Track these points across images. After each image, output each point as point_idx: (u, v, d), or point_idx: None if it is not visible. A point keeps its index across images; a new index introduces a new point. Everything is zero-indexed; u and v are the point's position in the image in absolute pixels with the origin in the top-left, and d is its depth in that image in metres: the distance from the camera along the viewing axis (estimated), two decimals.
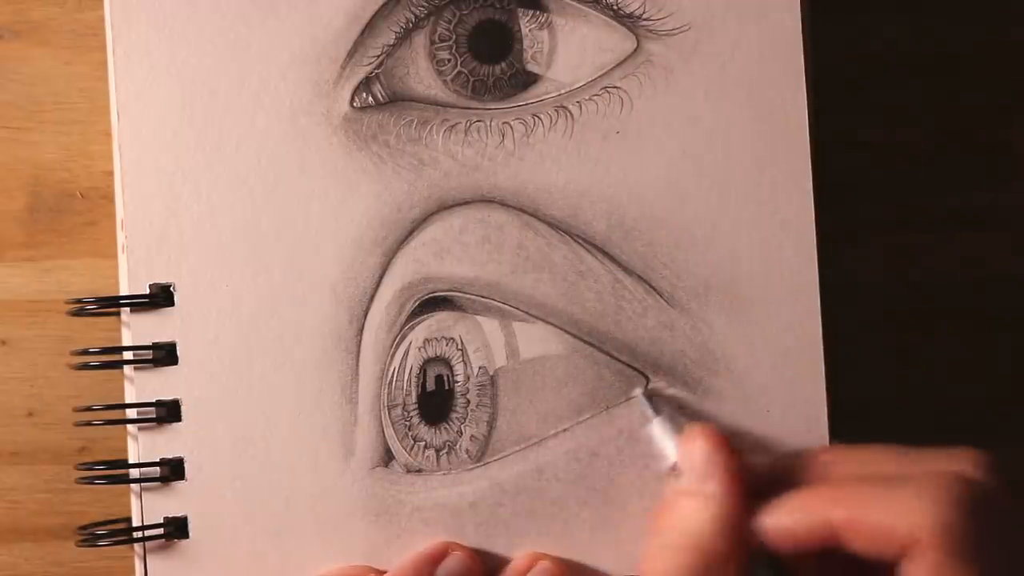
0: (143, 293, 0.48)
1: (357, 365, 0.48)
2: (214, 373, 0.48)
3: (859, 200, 0.52)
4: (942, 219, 0.45)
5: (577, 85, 0.49)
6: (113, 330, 0.49)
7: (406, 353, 0.48)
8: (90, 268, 0.51)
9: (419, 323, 0.48)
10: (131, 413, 0.48)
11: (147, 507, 0.48)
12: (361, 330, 0.48)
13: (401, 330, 0.48)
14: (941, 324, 0.52)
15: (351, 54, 0.48)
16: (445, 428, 0.48)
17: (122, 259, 0.48)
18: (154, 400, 0.48)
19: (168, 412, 0.48)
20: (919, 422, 0.52)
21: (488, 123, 0.48)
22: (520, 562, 0.48)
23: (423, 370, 0.48)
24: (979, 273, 0.47)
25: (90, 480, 0.48)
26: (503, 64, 0.49)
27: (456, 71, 0.48)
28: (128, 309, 0.48)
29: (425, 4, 0.48)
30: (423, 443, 0.48)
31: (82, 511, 0.51)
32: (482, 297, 0.48)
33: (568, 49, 0.49)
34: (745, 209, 0.48)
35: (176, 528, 0.47)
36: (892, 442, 0.52)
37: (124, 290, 0.48)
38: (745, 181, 0.48)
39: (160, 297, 0.48)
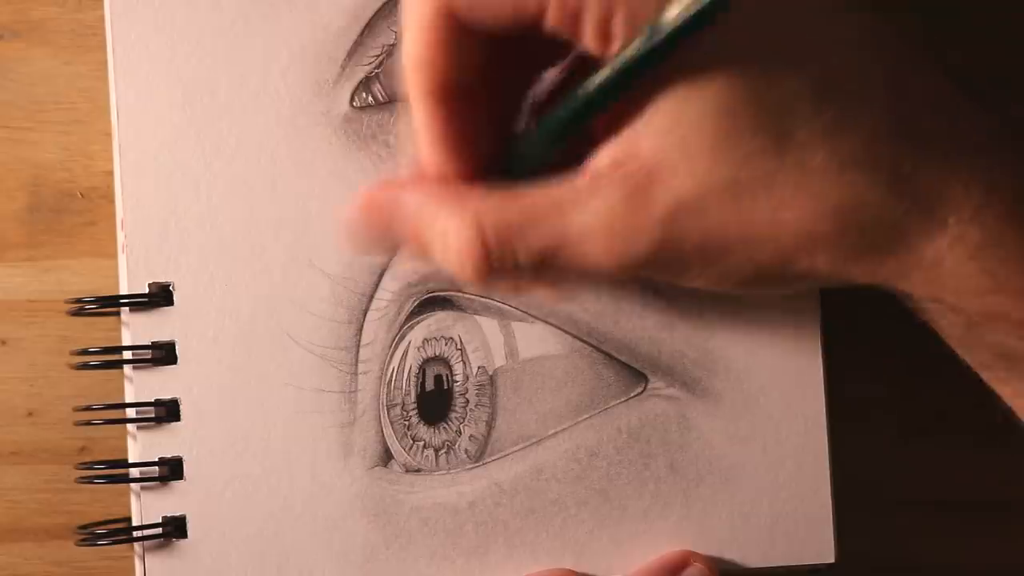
0: (142, 292, 0.48)
1: (356, 364, 0.48)
2: (213, 372, 0.48)
3: None
4: None
5: None
6: (113, 330, 0.49)
7: (405, 353, 0.48)
8: (90, 268, 0.51)
9: (418, 323, 0.48)
10: (131, 412, 0.48)
11: (146, 507, 0.48)
12: (360, 329, 0.48)
13: (400, 330, 0.48)
14: None
15: (351, 54, 0.48)
16: (444, 428, 0.48)
17: (122, 259, 0.48)
18: (153, 400, 0.48)
19: (167, 411, 0.48)
20: (920, 422, 0.52)
21: None
22: (673, 556, 0.48)
23: (422, 370, 0.48)
24: None
25: (90, 480, 0.48)
26: None
27: None
28: (128, 308, 0.48)
29: None
30: (422, 443, 0.48)
31: (82, 511, 0.51)
32: (481, 297, 0.48)
33: None
34: None
35: (175, 528, 0.47)
36: (894, 442, 0.52)
37: (124, 290, 0.48)
38: None
39: (159, 296, 0.48)
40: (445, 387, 0.48)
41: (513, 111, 0.43)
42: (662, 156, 0.39)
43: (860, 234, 0.39)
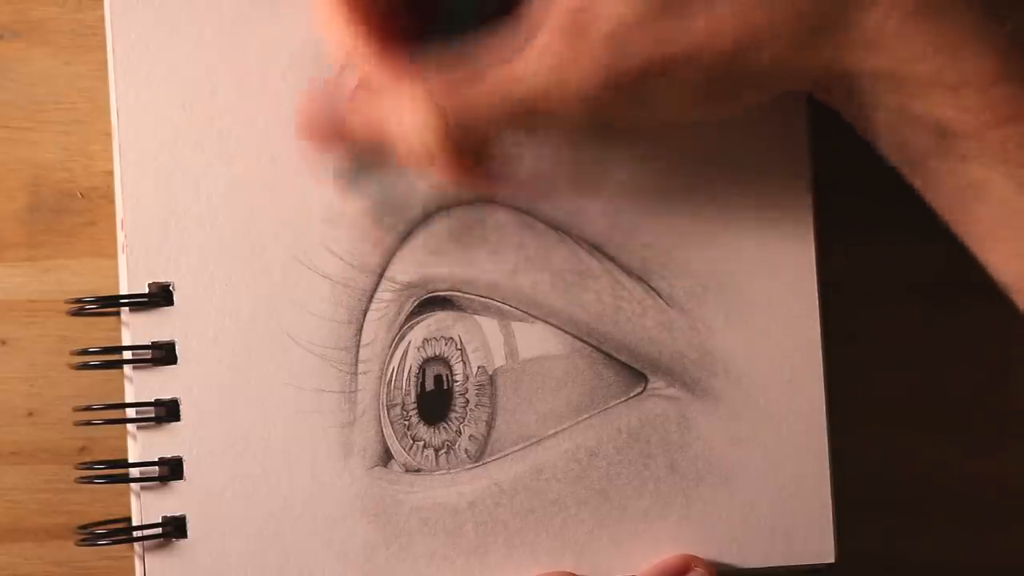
0: (142, 292, 0.48)
1: (356, 364, 0.48)
2: (213, 372, 0.48)
3: (859, 200, 0.51)
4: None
5: None
6: (113, 330, 0.49)
7: (405, 353, 0.48)
8: (90, 268, 0.51)
9: (418, 323, 0.48)
10: (131, 412, 0.48)
11: (146, 506, 0.48)
12: (360, 330, 0.48)
13: (400, 330, 0.48)
14: (941, 323, 0.52)
15: None
16: (444, 428, 0.48)
17: (122, 259, 0.48)
18: (153, 400, 0.48)
19: (167, 411, 0.48)
20: (920, 422, 0.52)
21: None
22: (674, 560, 0.48)
23: (422, 370, 0.48)
24: (979, 272, 0.46)
25: (90, 480, 0.48)
26: None
27: None
28: (128, 308, 0.48)
29: None
30: (422, 443, 0.48)
31: (82, 511, 0.51)
32: (481, 297, 0.48)
33: None
34: (744, 209, 0.48)
35: (175, 528, 0.47)
36: (894, 441, 0.52)
37: (124, 290, 0.48)
38: (744, 181, 0.48)
39: (159, 296, 0.48)
40: (445, 387, 0.48)
41: None
42: None
43: (798, 18, 0.40)
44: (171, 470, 0.48)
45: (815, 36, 0.41)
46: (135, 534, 0.48)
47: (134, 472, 0.48)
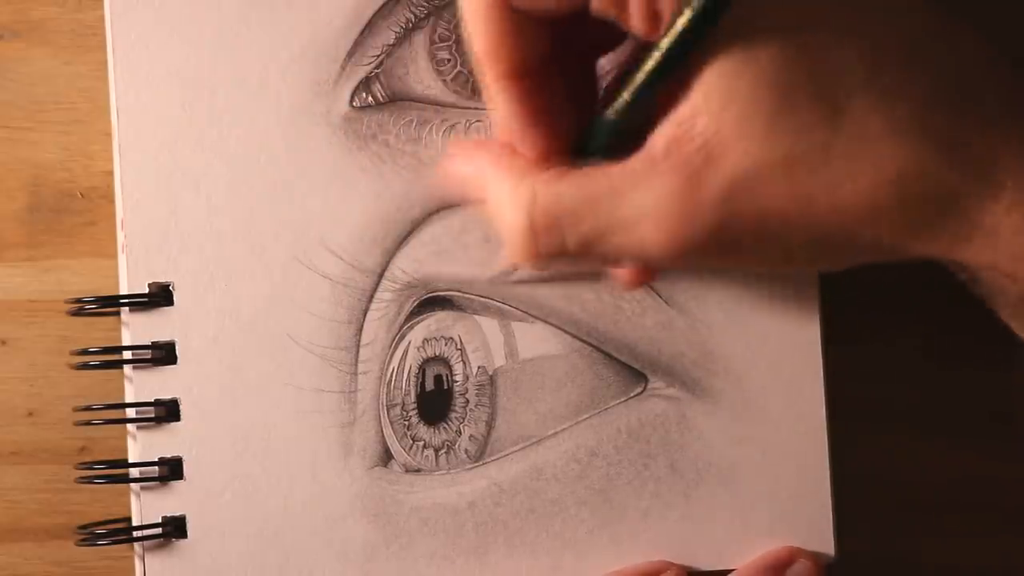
0: (142, 292, 0.48)
1: (356, 364, 0.48)
2: (213, 372, 0.48)
3: None
4: None
5: None
6: (113, 330, 0.49)
7: (405, 352, 0.48)
8: (90, 268, 0.51)
9: (418, 323, 0.48)
10: (131, 412, 0.48)
11: (146, 506, 0.48)
12: (360, 329, 0.48)
13: (400, 330, 0.48)
14: (941, 323, 0.52)
15: (351, 54, 0.48)
16: (444, 428, 0.48)
17: (121, 259, 0.48)
18: (153, 400, 0.48)
19: (167, 411, 0.48)
20: (920, 422, 0.52)
21: (487, 123, 0.48)
22: (779, 552, 0.48)
23: (422, 370, 0.48)
24: None
25: (90, 480, 0.48)
26: None
27: (456, 71, 0.48)
28: (128, 308, 0.48)
29: (425, 4, 0.48)
30: (422, 443, 0.48)
31: (82, 511, 0.51)
32: (481, 297, 0.48)
33: None
34: None
35: (175, 528, 0.48)
36: (894, 442, 0.52)
37: (124, 290, 0.48)
38: None
39: (159, 296, 0.48)
40: (445, 387, 0.48)
41: (592, 91, 0.44)
42: (717, 134, 0.39)
43: (920, 204, 0.39)
44: (171, 470, 0.48)
45: (933, 224, 0.39)
46: (135, 534, 0.48)
47: (134, 472, 0.48)
